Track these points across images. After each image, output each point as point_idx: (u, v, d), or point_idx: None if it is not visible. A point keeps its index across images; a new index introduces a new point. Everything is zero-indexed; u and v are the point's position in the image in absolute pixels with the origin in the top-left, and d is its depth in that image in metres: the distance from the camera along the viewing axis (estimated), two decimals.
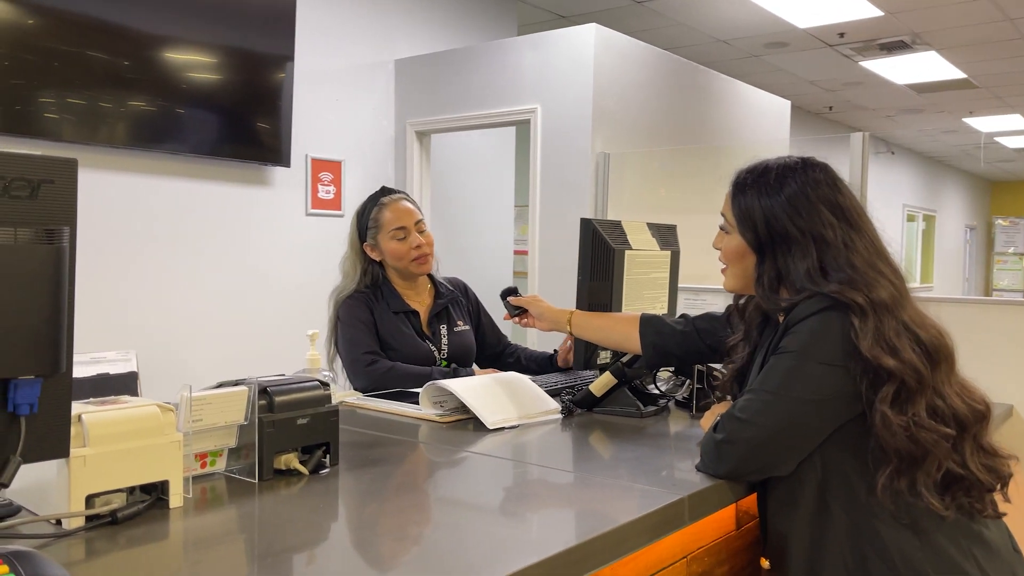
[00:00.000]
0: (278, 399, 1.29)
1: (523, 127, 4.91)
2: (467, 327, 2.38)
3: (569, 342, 2.30)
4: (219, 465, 1.30)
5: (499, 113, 4.49)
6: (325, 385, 1.37)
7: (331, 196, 4.60)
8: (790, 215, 1.36)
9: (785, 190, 1.38)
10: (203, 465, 1.28)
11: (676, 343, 1.69)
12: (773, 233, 1.36)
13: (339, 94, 4.64)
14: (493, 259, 5.43)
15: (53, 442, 0.99)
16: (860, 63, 7.30)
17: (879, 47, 6.79)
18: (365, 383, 2.09)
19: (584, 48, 4.15)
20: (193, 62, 3.88)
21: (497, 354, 2.46)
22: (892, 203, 12.28)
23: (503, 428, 1.66)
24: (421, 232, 2.30)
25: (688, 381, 2.12)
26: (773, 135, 5.79)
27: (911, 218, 13.07)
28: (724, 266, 1.48)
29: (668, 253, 2.16)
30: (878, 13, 5.85)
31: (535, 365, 2.38)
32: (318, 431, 1.33)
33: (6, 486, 0.94)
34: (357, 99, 4.74)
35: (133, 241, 3.82)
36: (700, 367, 1.81)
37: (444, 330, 2.31)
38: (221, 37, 3.95)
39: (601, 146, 4.19)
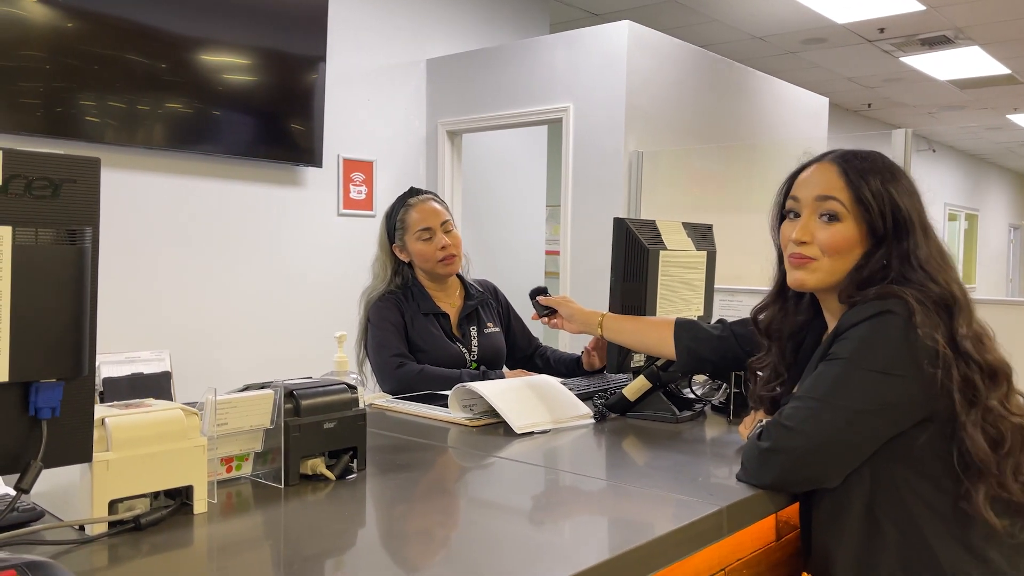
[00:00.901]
0: (304, 402, 1.27)
1: (555, 126, 4.87)
2: (497, 329, 2.34)
3: (593, 345, 2.25)
4: (245, 469, 1.28)
5: (531, 112, 4.45)
6: (352, 388, 1.34)
7: (363, 196, 4.60)
8: (908, 205, 1.28)
9: (901, 179, 1.31)
10: (228, 469, 1.26)
11: (712, 348, 1.63)
12: (897, 221, 1.27)
13: (371, 94, 4.64)
14: (524, 260, 5.39)
15: (75, 446, 0.98)
16: (900, 59, 7.15)
17: (920, 42, 6.64)
18: (394, 386, 2.07)
19: (617, 45, 4.09)
20: (227, 63, 3.89)
21: (527, 356, 2.43)
22: (933, 202, 11.75)
23: (532, 433, 1.62)
24: (448, 232, 2.27)
25: (724, 385, 2.07)
26: (811, 133, 5.68)
27: (953, 217, 12.78)
28: (810, 258, 1.33)
29: (704, 253, 2.11)
30: (920, 7, 5.72)
31: (564, 367, 2.34)
32: (345, 435, 1.31)
33: (27, 491, 0.92)
34: (389, 99, 4.74)
35: (168, 241, 3.85)
36: (739, 372, 1.76)
37: (474, 332, 2.28)
38: (254, 38, 3.96)
39: (634, 145, 4.13)
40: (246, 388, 1.32)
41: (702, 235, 2.14)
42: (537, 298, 1.89)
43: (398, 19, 4.76)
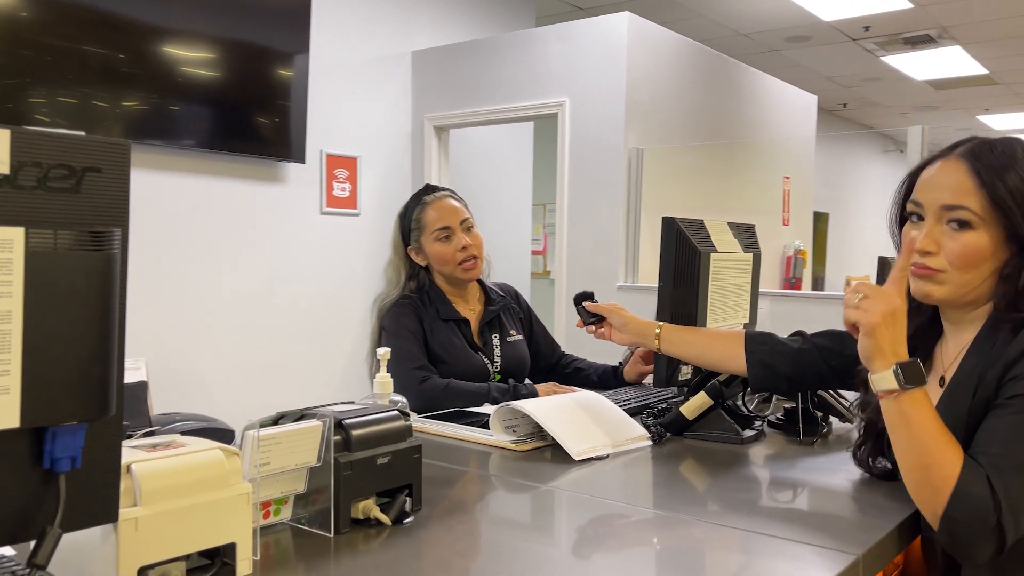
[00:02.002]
0: (355, 434, 1.08)
1: (543, 122, 4.70)
2: (520, 337, 2.16)
3: (644, 353, 2.09)
4: (284, 514, 1.09)
5: (523, 107, 4.27)
6: (405, 415, 1.16)
7: (347, 194, 4.38)
8: None
9: None
10: (266, 515, 1.06)
11: (790, 363, 1.47)
12: None
13: (355, 87, 4.42)
14: (512, 260, 5.21)
15: (99, 504, 0.78)
16: (881, 58, 7.12)
17: (903, 41, 6.61)
18: (417, 403, 1.87)
19: (616, 38, 3.93)
20: (203, 53, 3.65)
21: (552, 366, 2.25)
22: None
23: (590, 459, 1.45)
24: (468, 232, 2.08)
25: (773, 398, 1.92)
26: (800, 131, 5.60)
27: None
28: (935, 271, 1.16)
29: (750, 256, 1.96)
30: (908, 5, 5.66)
31: (596, 378, 2.17)
32: (400, 471, 1.12)
33: (43, 567, 0.72)
34: (373, 93, 4.52)
35: (141, 241, 3.59)
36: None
37: (496, 340, 2.10)
38: (233, 27, 3.73)
39: (634, 141, 3.98)
40: (281, 417, 1.12)
41: (747, 236, 1.99)
42: (583, 304, 1.70)
43: (382, 10, 4.54)
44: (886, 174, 11.39)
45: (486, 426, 1.72)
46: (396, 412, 1.15)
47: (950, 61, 7.15)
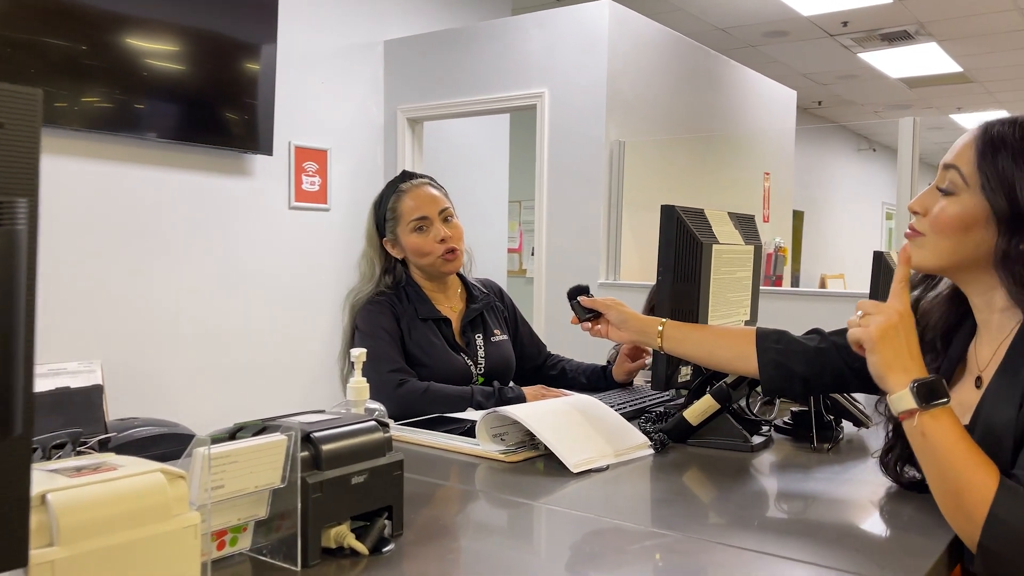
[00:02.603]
0: (326, 449, 0.92)
1: (519, 116, 4.57)
2: (505, 336, 2.02)
3: (630, 351, 1.95)
4: (242, 543, 0.93)
5: (501, 98, 4.13)
6: (384, 425, 1.00)
7: (316, 188, 4.20)
8: None
9: None
10: (220, 546, 0.90)
11: (807, 363, 1.33)
12: (1017, 213, 1.04)
13: (325, 78, 4.25)
14: (488, 258, 5.06)
15: (3, 545, 0.62)
16: (858, 54, 7.07)
17: (880, 37, 6.56)
18: (394, 408, 1.71)
19: (597, 27, 3.80)
20: (166, 42, 3.46)
21: (538, 367, 2.11)
22: (873, 201, 12.16)
23: (589, 471, 1.30)
24: (447, 222, 1.93)
25: (777, 401, 1.80)
26: (781, 125, 5.52)
27: (889, 216, 12.98)
28: (918, 232, 1.13)
29: (752, 248, 1.83)
30: (886, 0, 5.60)
31: (585, 379, 2.03)
32: (379, 491, 0.97)
33: None
34: (344, 83, 4.35)
35: (97, 235, 3.39)
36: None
37: (480, 340, 1.95)
38: (197, 15, 3.54)
39: (616, 134, 3.85)
40: (239, 430, 0.97)
41: (748, 227, 1.86)
42: (578, 299, 1.55)
43: None
44: (859, 172, 11.41)
45: (469, 433, 1.58)
46: (373, 423, 1.00)
47: (926, 58, 7.13)
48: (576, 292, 1.56)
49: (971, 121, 9.97)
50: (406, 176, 1.97)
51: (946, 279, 1.20)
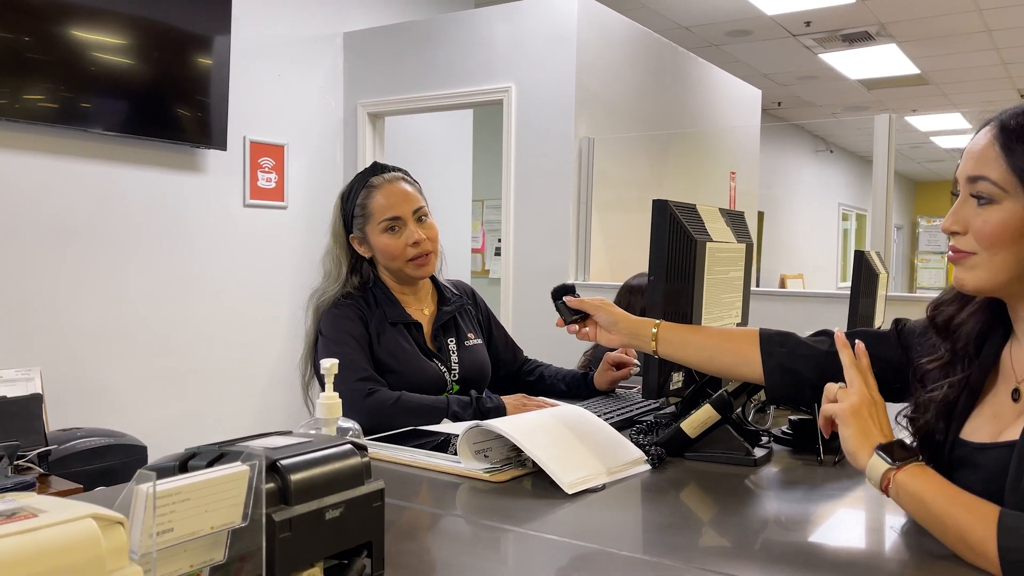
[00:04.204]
0: (296, 479, 0.79)
1: (482, 113, 4.44)
2: (479, 341, 1.89)
3: (617, 359, 1.84)
4: None
5: (466, 93, 4.00)
6: (362, 449, 0.87)
7: (273, 185, 4.03)
8: None
9: None
10: None
11: (815, 367, 1.23)
12: None
13: (282, 70, 4.07)
14: (452, 258, 4.91)
15: None
16: (819, 55, 7.09)
17: (841, 38, 6.57)
18: (362, 420, 1.57)
19: (566, 21, 3.70)
20: (113, 31, 3.26)
21: (514, 373, 1.99)
22: (829, 202, 12.30)
23: (584, 492, 1.18)
24: (421, 222, 1.80)
25: (769, 407, 1.70)
26: (746, 122, 5.48)
27: (845, 217, 13.15)
28: (965, 252, 1.02)
29: (744, 246, 1.73)
30: (849, 1, 5.60)
31: (565, 386, 1.91)
32: (356, 527, 0.83)
33: None
34: (302, 76, 4.18)
35: (37, 234, 3.18)
36: None
37: (453, 345, 1.82)
38: (147, 5, 3.35)
39: (585, 130, 3.74)
40: (191, 457, 0.83)
41: (738, 224, 1.76)
42: (564, 299, 1.43)
43: None
44: (817, 174, 11.52)
45: (443, 447, 1.46)
46: (348, 446, 0.86)
47: (885, 60, 7.18)
48: (561, 292, 1.44)
49: (925, 123, 10.12)
50: (378, 168, 1.83)
51: None
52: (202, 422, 3.71)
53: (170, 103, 3.48)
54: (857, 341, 1.11)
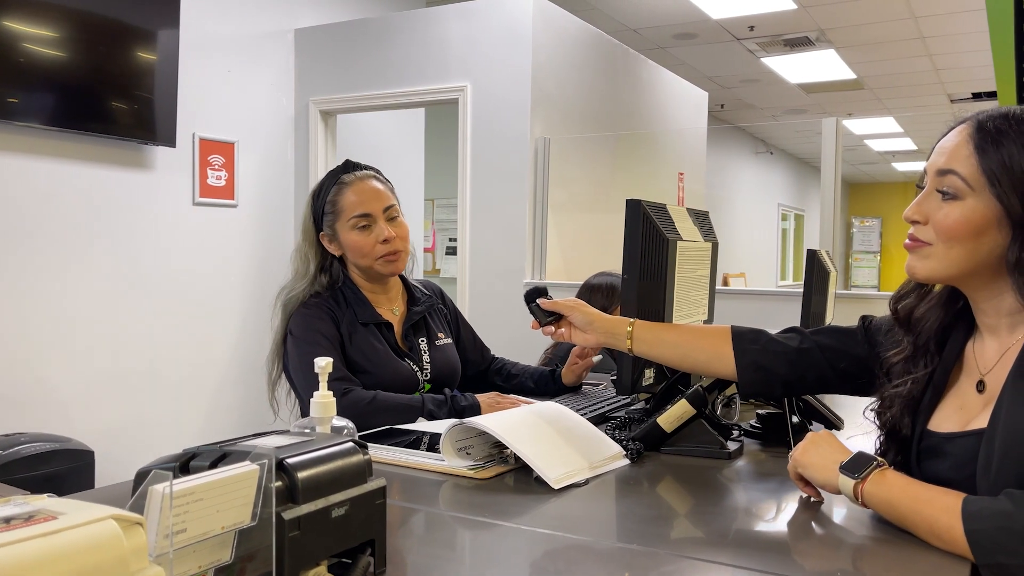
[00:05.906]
0: (303, 477, 0.79)
1: (434, 112, 4.44)
2: (449, 340, 1.90)
3: (581, 352, 1.87)
4: None
5: (420, 91, 3.99)
6: (363, 447, 0.87)
7: (223, 183, 3.95)
8: None
9: None
10: None
11: (788, 364, 1.27)
12: None
13: (232, 66, 4.00)
14: None
15: None
16: (761, 59, 7.26)
17: (783, 43, 6.75)
18: None
19: (521, 21, 3.72)
20: (53, 22, 3.16)
21: (482, 372, 2.00)
22: (769, 202, 12.60)
23: (569, 487, 1.20)
24: (392, 221, 1.80)
25: (733, 400, 1.74)
26: (692, 125, 5.58)
27: (784, 217, 13.50)
28: (922, 242, 1.07)
29: (710, 245, 1.77)
30: (792, 6, 5.76)
31: (533, 383, 1.93)
32: (360, 524, 0.83)
33: None
34: (252, 72, 4.11)
35: None
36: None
37: (424, 344, 1.82)
38: None
39: (540, 130, 3.77)
40: (192, 458, 0.82)
41: (704, 224, 1.80)
42: (537, 301, 1.45)
43: None
44: (757, 174, 11.79)
45: (416, 445, 1.46)
46: (351, 444, 0.86)
47: (823, 65, 7.39)
48: (535, 294, 1.46)
49: (860, 127, 10.44)
50: (349, 166, 1.83)
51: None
52: (150, 426, 3.62)
53: (112, 97, 3.38)
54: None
